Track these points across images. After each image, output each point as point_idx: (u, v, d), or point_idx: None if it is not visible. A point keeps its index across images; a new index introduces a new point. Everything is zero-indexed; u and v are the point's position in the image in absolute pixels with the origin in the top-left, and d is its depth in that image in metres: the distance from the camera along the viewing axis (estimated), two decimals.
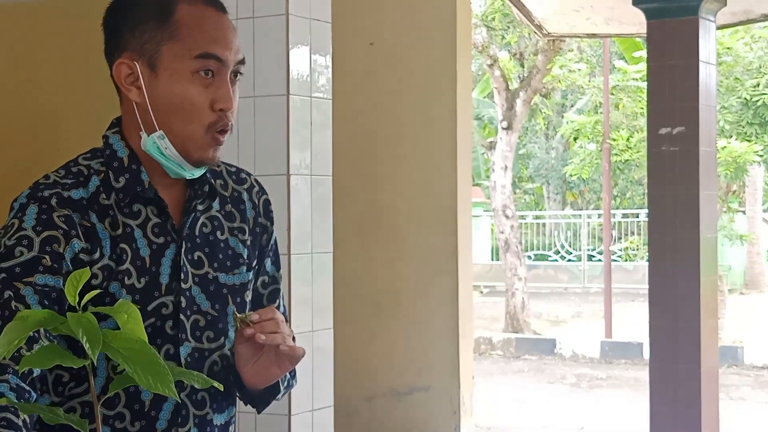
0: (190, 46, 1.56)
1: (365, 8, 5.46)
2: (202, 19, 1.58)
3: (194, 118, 1.56)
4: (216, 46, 1.57)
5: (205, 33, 1.57)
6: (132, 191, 1.58)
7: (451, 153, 5.35)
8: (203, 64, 1.56)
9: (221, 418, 1.65)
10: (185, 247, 1.60)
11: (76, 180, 1.57)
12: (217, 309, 1.63)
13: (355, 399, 5.45)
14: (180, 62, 1.56)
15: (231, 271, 1.65)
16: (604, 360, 10.83)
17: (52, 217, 1.52)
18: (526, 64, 12.81)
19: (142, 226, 1.58)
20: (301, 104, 2.70)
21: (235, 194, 1.70)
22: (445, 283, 5.37)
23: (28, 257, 1.48)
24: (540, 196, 23.66)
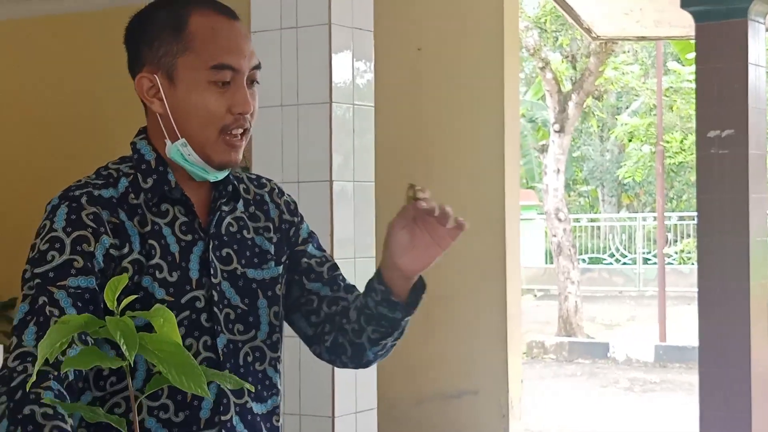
0: (204, 57, 1.61)
1: (413, 15, 5.51)
2: (214, 30, 1.62)
3: (209, 123, 1.62)
4: (229, 56, 1.62)
5: (218, 44, 1.62)
6: (160, 191, 1.64)
7: (499, 157, 5.37)
8: (218, 74, 1.61)
9: (262, 407, 1.70)
10: (213, 245, 1.66)
11: (106, 181, 1.63)
12: (247, 303, 1.68)
13: (404, 402, 5.49)
14: (196, 73, 1.61)
15: (259, 267, 1.70)
16: (658, 364, 10.74)
17: (81, 216, 1.57)
18: (579, 67, 12.75)
19: (171, 224, 1.64)
20: (344, 112, 2.75)
21: (258, 197, 1.76)
22: (493, 287, 5.39)
23: (60, 261, 1.54)
24: (595, 198, 23.49)
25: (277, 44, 2.73)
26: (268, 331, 1.70)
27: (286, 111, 2.69)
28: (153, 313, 1.22)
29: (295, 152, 2.72)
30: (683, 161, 11.22)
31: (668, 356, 10.83)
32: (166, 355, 1.19)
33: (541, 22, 12.57)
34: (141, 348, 1.18)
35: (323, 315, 1.75)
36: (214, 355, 1.63)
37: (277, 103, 2.72)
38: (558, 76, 12.46)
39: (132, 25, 1.69)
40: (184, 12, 1.63)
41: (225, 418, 1.63)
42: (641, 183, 18.85)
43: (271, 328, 1.71)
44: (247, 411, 1.67)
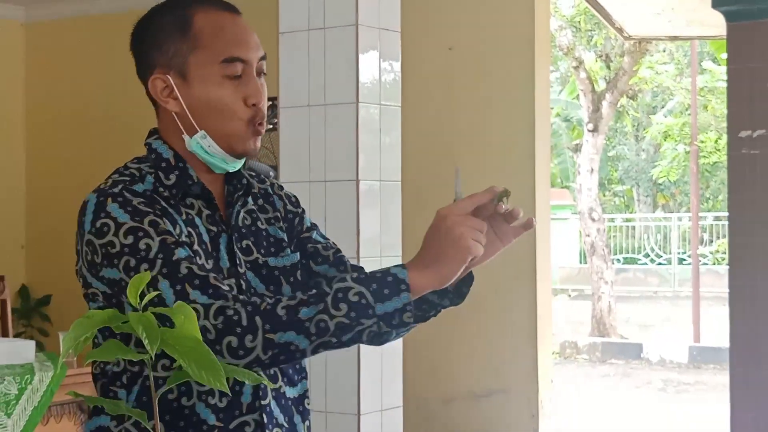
0: (214, 52, 1.65)
1: (444, 14, 5.52)
2: (219, 25, 1.67)
3: (232, 116, 1.66)
4: (238, 49, 1.66)
5: (226, 38, 1.66)
6: (183, 186, 1.68)
7: (529, 157, 5.37)
8: (229, 67, 1.65)
9: (294, 391, 1.75)
10: (235, 236, 1.71)
11: (133, 179, 1.67)
12: (272, 290, 1.73)
13: (433, 401, 5.50)
14: (208, 69, 1.65)
15: (278, 255, 1.75)
16: (692, 365, 10.67)
17: (135, 206, 1.61)
18: (613, 66, 12.70)
19: (199, 215, 1.69)
20: (371, 112, 2.77)
21: (262, 190, 1.82)
22: (523, 287, 5.39)
23: (157, 243, 1.57)
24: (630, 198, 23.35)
25: (305, 45, 2.76)
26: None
27: (313, 111, 2.72)
28: (174, 310, 1.25)
29: (322, 152, 2.76)
30: (718, 161, 11.14)
31: (702, 357, 10.76)
32: (187, 350, 1.22)
33: (576, 22, 12.52)
34: (162, 342, 1.21)
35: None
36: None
37: (305, 103, 2.75)
38: (592, 75, 12.41)
39: (138, 32, 1.74)
40: (188, 12, 1.67)
41: (264, 402, 1.68)
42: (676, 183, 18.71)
43: None
44: (281, 395, 1.73)
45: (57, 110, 6.67)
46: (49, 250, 6.60)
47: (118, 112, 6.35)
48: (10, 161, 6.72)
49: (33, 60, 6.76)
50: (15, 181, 6.74)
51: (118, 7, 6.36)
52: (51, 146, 6.68)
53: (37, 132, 6.75)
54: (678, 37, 6.98)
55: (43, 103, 6.72)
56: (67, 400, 3.82)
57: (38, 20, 6.72)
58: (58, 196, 6.55)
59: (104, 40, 6.47)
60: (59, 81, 6.66)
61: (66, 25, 6.64)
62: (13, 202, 6.72)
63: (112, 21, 6.42)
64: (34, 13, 6.71)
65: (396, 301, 1.52)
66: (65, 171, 6.57)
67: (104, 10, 6.44)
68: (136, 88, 1.66)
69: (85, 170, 6.45)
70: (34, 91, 6.76)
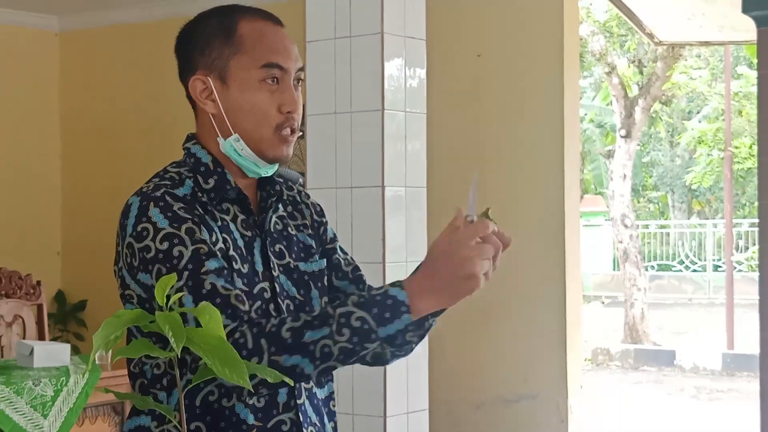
0: (255, 57, 1.71)
1: (473, 21, 5.55)
2: (262, 32, 1.73)
3: (264, 122, 1.72)
4: (278, 55, 1.72)
5: (267, 44, 1.72)
6: (222, 190, 1.73)
7: (559, 163, 5.38)
8: (268, 72, 1.71)
9: (322, 392, 1.81)
10: (268, 240, 1.76)
11: (173, 182, 1.73)
12: (303, 294, 1.78)
13: (463, 406, 5.53)
14: (247, 72, 1.71)
15: (307, 260, 1.81)
16: (725, 372, 10.60)
17: (176, 211, 1.66)
18: (645, 72, 12.66)
19: (234, 220, 1.74)
20: (396, 119, 2.81)
21: (291, 197, 1.87)
22: (552, 292, 5.40)
23: (189, 254, 1.62)
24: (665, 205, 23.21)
25: (332, 53, 2.81)
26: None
27: (339, 118, 2.77)
28: (200, 310, 1.31)
29: (349, 158, 2.80)
30: (753, 167, 11.06)
31: (736, 364, 10.69)
32: (211, 348, 1.27)
33: (608, 27, 12.50)
34: (188, 341, 1.26)
35: None
36: None
37: (331, 110, 2.80)
38: (625, 81, 12.38)
39: (183, 35, 1.80)
40: (233, 18, 1.74)
41: (299, 401, 1.73)
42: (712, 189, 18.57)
43: None
44: (313, 395, 1.78)
45: (91, 118, 6.77)
46: (85, 255, 6.70)
47: (152, 119, 6.44)
48: (46, 169, 6.83)
49: (67, 69, 6.87)
50: (51, 188, 6.84)
51: (150, 17, 6.45)
52: (86, 154, 6.78)
53: (72, 140, 6.85)
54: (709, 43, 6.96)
55: (78, 111, 6.83)
56: (102, 401, 3.89)
57: (72, 30, 6.83)
58: (93, 202, 6.64)
59: (137, 48, 6.57)
60: (93, 89, 6.77)
61: (99, 35, 6.74)
62: (49, 209, 6.83)
63: (145, 30, 6.52)
64: (68, 23, 6.82)
65: (398, 323, 1.54)
66: (100, 178, 6.66)
67: (137, 19, 6.53)
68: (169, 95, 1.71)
69: (119, 177, 6.54)
70: (69, 100, 6.87)
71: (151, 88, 6.43)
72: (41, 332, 4.63)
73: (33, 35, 6.76)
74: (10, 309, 4.54)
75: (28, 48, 6.75)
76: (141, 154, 6.42)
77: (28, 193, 6.71)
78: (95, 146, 6.73)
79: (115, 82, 6.66)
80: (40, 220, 6.76)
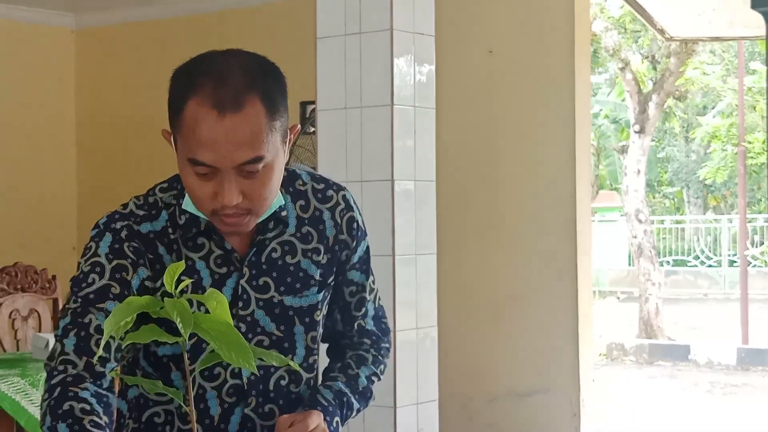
0: (185, 146, 1.60)
1: (484, 17, 5.58)
2: (197, 123, 1.58)
3: (199, 204, 1.64)
4: (203, 152, 1.58)
5: (196, 138, 1.58)
6: (192, 227, 1.69)
7: (570, 157, 5.40)
8: (194, 167, 1.60)
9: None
10: (248, 275, 1.70)
11: (149, 213, 1.70)
12: (283, 330, 1.73)
13: (476, 399, 5.56)
14: (182, 156, 1.62)
15: (299, 294, 1.74)
16: (740, 367, 10.59)
17: (123, 247, 1.67)
18: (659, 67, 12.64)
19: (205, 258, 1.69)
20: (405, 114, 2.85)
21: (316, 214, 1.76)
22: (564, 287, 5.43)
23: (99, 285, 1.65)
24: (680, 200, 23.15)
25: (342, 49, 2.85)
26: (304, 355, 1.75)
27: (349, 113, 2.81)
28: (207, 297, 1.35)
29: (359, 152, 2.84)
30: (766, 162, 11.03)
31: (750, 359, 10.68)
32: (218, 333, 1.31)
33: (622, 23, 12.48)
34: (195, 327, 1.30)
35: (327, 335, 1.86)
36: (240, 381, 1.70)
37: (342, 105, 2.83)
38: (638, 76, 12.37)
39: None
40: (186, 94, 1.61)
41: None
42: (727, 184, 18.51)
43: (308, 352, 1.77)
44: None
45: (107, 115, 6.83)
46: None
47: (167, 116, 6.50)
48: (62, 165, 6.89)
49: (83, 66, 6.93)
50: (67, 185, 6.91)
51: (166, 14, 6.51)
52: (101, 151, 6.84)
53: (88, 137, 6.92)
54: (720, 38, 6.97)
55: (94, 108, 6.89)
56: None
57: (88, 27, 6.89)
58: (108, 198, 6.68)
59: (153, 45, 6.62)
60: (109, 86, 6.83)
61: (115, 32, 6.80)
62: (65, 205, 6.89)
63: (161, 27, 6.58)
64: (83, 20, 6.89)
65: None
66: (115, 174, 6.73)
67: (152, 16, 6.59)
68: None
69: (134, 174, 6.60)
70: (85, 96, 6.93)
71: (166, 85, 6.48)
72: (56, 326, 4.68)
73: (49, 32, 6.82)
74: (26, 303, 4.60)
75: (44, 45, 6.81)
76: (156, 151, 6.46)
77: (45, 189, 6.78)
78: (111, 142, 6.79)
79: (131, 78, 6.72)
80: (56, 215, 6.82)
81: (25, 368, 3.66)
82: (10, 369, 3.64)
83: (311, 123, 5.17)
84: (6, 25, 6.61)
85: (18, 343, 4.49)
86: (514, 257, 5.52)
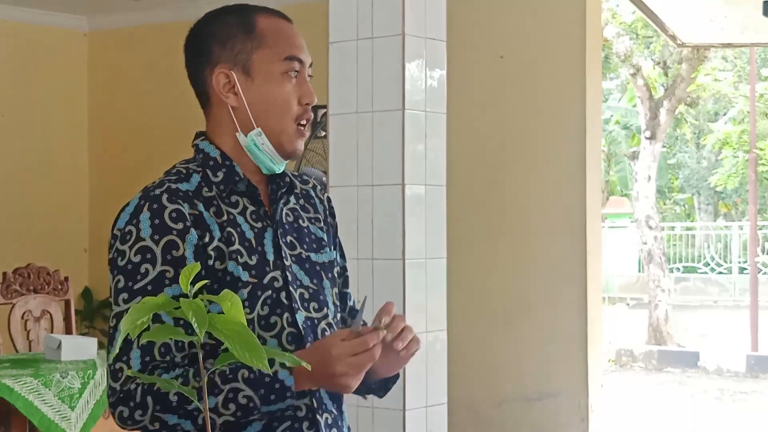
0: (277, 50, 1.77)
1: (495, 22, 5.60)
2: (280, 28, 1.80)
3: (287, 113, 1.77)
4: (298, 49, 1.79)
5: (287, 39, 1.79)
6: (230, 182, 1.77)
7: (581, 163, 5.42)
8: (290, 65, 1.77)
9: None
10: (280, 231, 1.81)
11: (179, 177, 1.78)
12: (315, 284, 1.83)
13: (485, 403, 5.58)
14: (270, 65, 1.77)
15: (318, 251, 1.85)
16: (749, 374, 10.58)
17: (164, 218, 1.70)
18: (670, 73, 12.64)
19: (242, 213, 1.77)
20: (416, 118, 2.87)
21: (304, 191, 1.91)
22: (573, 292, 5.44)
23: (154, 274, 1.68)
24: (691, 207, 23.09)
25: (354, 54, 2.87)
26: (333, 310, 1.85)
27: (361, 117, 2.83)
28: (221, 297, 1.36)
29: (370, 157, 2.86)
30: None
31: (760, 366, 10.65)
32: (233, 333, 1.33)
33: (633, 29, 12.48)
34: (210, 326, 1.32)
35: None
36: (296, 330, 1.77)
37: (353, 110, 2.85)
38: (650, 82, 12.36)
39: (199, 29, 1.84)
40: (250, 15, 1.80)
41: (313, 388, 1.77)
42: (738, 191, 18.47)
43: (335, 308, 1.87)
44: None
45: (119, 116, 6.86)
46: None
47: (178, 117, 6.52)
48: (74, 167, 6.93)
49: (95, 68, 6.97)
50: (79, 187, 6.94)
51: (178, 17, 6.54)
52: (113, 152, 6.88)
53: (100, 138, 6.95)
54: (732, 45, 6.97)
55: (106, 110, 6.92)
56: None
57: (100, 29, 6.93)
58: (120, 200, 6.70)
59: (164, 48, 6.65)
60: (121, 88, 6.86)
61: (127, 34, 6.84)
62: (77, 207, 6.93)
63: (172, 30, 6.59)
64: (96, 23, 6.93)
65: (281, 404, 1.68)
66: (127, 176, 6.76)
67: (164, 19, 6.62)
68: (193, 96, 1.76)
69: (146, 175, 6.61)
70: (97, 98, 6.97)
71: (177, 88, 6.51)
72: (68, 327, 4.71)
73: (62, 35, 6.87)
74: (39, 304, 4.63)
75: (57, 47, 6.85)
76: (167, 153, 6.47)
77: (57, 191, 6.82)
78: (122, 144, 6.82)
79: (143, 81, 6.75)
80: (69, 217, 6.86)
81: (38, 368, 3.68)
82: (23, 369, 3.67)
83: (322, 127, 5.19)
84: (19, 27, 6.66)
85: (30, 344, 4.52)
86: (523, 262, 5.53)
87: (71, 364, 3.77)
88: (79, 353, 3.85)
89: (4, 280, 4.55)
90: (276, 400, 1.66)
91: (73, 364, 3.77)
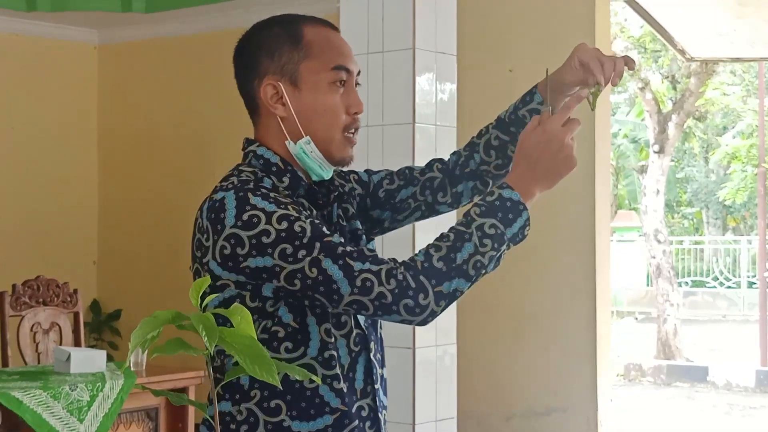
0: (324, 60, 1.78)
1: (505, 37, 5.61)
2: (327, 37, 1.81)
3: (334, 123, 1.78)
4: (345, 58, 1.80)
5: (334, 49, 1.80)
6: (296, 188, 1.79)
7: (589, 177, 5.42)
8: (337, 75, 1.78)
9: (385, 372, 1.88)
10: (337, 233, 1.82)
11: (256, 176, 1.77)
12: None
13: (494, 417, 5.56)
14: (318, 75, 1.77)
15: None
16: (758, 389, 10.53)
17: (275, 196, 1.71)
18: (679, 87, 12.64)
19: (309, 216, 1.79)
20: (427, 132, 2.87)
21: (343, 188, 1.92)
22: (582, 306, 5.43)
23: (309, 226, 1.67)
24: (699, 221, 23.07)
25: (364, 67, 2.88)
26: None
27: (371, 131, 2.84)
28: (231, 311, 1.37)
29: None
30: None
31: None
32: (243, 347, 1.33)
33: (642, 43, 12.49)
34: (220, 340, 1.32)
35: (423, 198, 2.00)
36: (360, 330, 1.80)
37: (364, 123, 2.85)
38: (658, 96, 12.37)
39: (248, 40, 1.84)
40: (297, 26, 1.81)
41: (376, 386, 1.80)
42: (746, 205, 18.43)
43: None
44: (383, 379, 1.85)
45: (128, 130, 6.88)
46: (120, 265, 6.81)
47: (188, 131, 6.55)
48: (84, 180, 6.95)
49: (105, 81, 6.99)
50: (88, 200, 6.96)
51: (188, 30, 6.56)
52: (123, 165, 6.89)
53: (110, 151, 6.97)
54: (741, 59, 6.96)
55: (115, 123, 6.94)
56: (137, 407, 3.96)
57: (110, 43, 6.95)
58: (129, 213, 6.75)
59: (174, 62, 6.68)
60: (131, 102, 6.88)
61: (137, 48, 6.86)
62: (86, 220, 6.94)
63: (182, 44, 6.63)
64: (106, 37, 6.95)
65: (519, 221, 1.72)
66: (136, 189, 6.77)
67: (174, 33, 6.64)
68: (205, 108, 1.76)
69: (155, 189, 6.65)
70: (107, 112, 6.99)
71: (187, 101, 6.54)
72: (77, 340, 4.72)
73: (72, 48, 6.89)
74: (48, 316, 4.63)
75: (67, 61, 6.88)
76: (177, 167, 6.52)
77: (66, 204, 6.83)
78: (132, 158, 6.84)
79: (153, 94, 6.77)
80: (78, 230, 6.87)
81: (47, 381, 3.69)
82: (32, 381, 3.67)
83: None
84: (30, 40, 6.69)
85: (39, 356, 4.52)
86: (532, 276, 5.53)
87: (80, 376, 3.77)
88: (88, 366, 3.85)
89: (13, 292, 4.56)
90: (514, 218, 1.71)
91: (82, 376, 3.77)
